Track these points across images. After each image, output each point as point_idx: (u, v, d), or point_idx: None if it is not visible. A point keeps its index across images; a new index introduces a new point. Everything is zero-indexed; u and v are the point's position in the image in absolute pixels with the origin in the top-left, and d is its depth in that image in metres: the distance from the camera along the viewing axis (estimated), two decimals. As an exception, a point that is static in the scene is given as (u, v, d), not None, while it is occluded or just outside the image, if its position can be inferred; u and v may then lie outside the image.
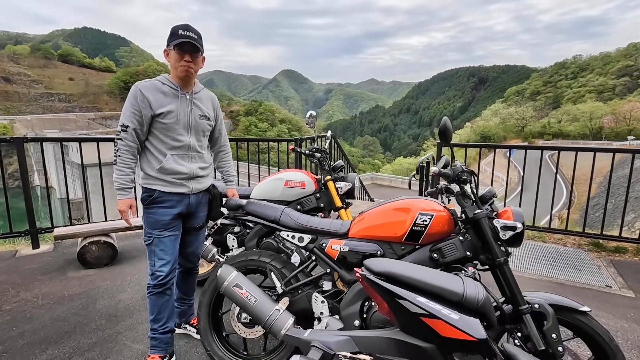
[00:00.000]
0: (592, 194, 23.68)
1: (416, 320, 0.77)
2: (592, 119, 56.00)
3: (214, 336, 1.91)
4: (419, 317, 0.76)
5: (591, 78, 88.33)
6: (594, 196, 22.10)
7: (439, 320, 0.75)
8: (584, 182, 4.07)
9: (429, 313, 0.76)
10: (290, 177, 2.59)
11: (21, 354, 2.04)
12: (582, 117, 57.12)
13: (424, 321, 0.76)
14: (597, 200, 20.79)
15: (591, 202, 22.71)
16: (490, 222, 1.62)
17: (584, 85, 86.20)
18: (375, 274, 0.85)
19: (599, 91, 78.78)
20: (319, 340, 0.84)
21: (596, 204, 21.02)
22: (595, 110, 57.33)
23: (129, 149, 1.79)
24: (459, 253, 1.62)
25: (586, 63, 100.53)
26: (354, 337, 0.87)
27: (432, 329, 0.75)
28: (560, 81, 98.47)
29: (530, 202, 4.05)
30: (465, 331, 0.73)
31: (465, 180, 1.66)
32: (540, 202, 3.98)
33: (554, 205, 4.13)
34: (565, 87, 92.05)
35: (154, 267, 1.90)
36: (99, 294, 2.76)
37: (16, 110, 57.01)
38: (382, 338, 0.85)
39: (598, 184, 25.36)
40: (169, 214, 1.90)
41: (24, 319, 2.40)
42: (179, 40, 1.75)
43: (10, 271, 3.14)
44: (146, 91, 1.80)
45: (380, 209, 1.78)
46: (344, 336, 0.86)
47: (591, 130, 55.36)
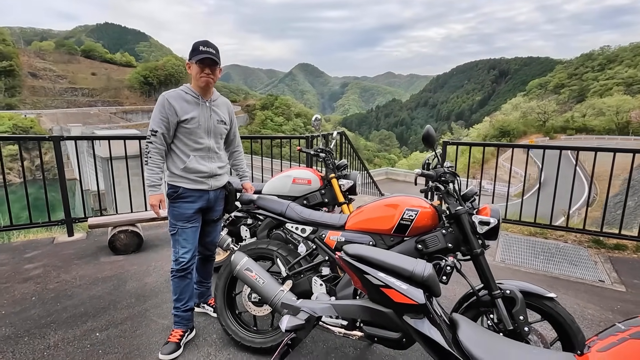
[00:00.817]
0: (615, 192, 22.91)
1: (377, 290, 1.00)
2: (619, 113, 53.56)
3: (228, 314, 2.20)
4: (379, 287, 1.00)
5: (620, 70, 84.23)
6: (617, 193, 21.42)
7: (392, 289, 0.98)
8: (604, 179, 4.01)
9: (386, 284, 0.99)
10: (297, 174, 2.84)
11: (66, 325, 2.39)
12: (608, 111, 54.68)
13: (383, 291, 0.99)
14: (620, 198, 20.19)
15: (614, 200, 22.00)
16: (469, 217, 1.83)
17: (611, 78, 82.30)
18: (349, 256, 1.08)
19: (628, 84, 75.04)
20: (307, 306, 1.09)
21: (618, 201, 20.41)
22: (622, 104, 54.77)
23: (158, 151, 2.08)
24: (440, 244, 1.84)
25: (614, 54, 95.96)
26: (334, 305, 1.11)
27: (389, 297, 0.99)
28: (586, 73, 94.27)
29: (550, 199, 4.09)
30: (411, 297, 0.96)
31: (447, 180, 1.87)
32: (560, 200, 4.02)
33: (573, 203, 4.17)
34: (591, 80, 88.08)
35: (177, 254, 2.19)
36: (128, 276, 3.10)
37: (42, 104, 59.30)
38: (355, 305, 1.09)
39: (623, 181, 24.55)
40: (191, 208, 2.18)
41: (66, 296, 2.77)
42: (201, 56, 2.01)
43: (50, 255, 3.53)
44: (172, 100, 2.07)
45: (373, 205, 2.01)
46: (326, 304, 1.10)
47: (617, 125, 52.98)
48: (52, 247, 3.77)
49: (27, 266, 3.27)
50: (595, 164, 3.90)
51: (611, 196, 22.81)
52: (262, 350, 2.07)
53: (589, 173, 19.57)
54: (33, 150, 29.41)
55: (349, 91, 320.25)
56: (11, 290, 2.83)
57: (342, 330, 1.89)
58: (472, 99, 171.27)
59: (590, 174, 4.51)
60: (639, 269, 3.41)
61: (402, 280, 0.99)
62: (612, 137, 48.28)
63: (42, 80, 65.81)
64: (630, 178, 3.85)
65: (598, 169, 3.87)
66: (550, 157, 4.12)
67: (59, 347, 2.15)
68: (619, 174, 3.92)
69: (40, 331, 2.31)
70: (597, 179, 21.99)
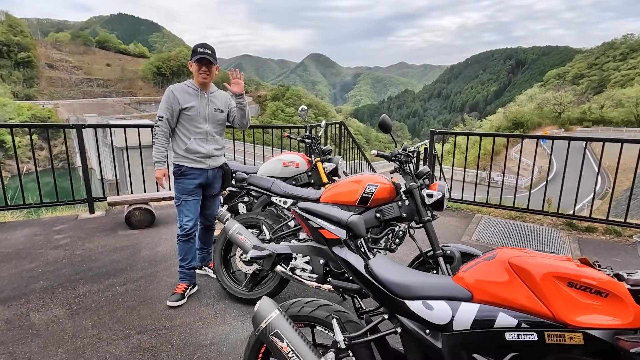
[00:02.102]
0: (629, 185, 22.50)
1: (316, 231, 1.39)
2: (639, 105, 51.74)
3: (224, 272, 2.63)
4: (317, 229, 1.38)
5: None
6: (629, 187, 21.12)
7: (325, 229, 1.37)
8: (621, 172, 3.97)
9: (321, 226, 1.38)
10: (287, 158, 3.23)
11: (92, 280, 2.86)
12: (627, 103, 52.85)
13: (319, 231, 1.38)
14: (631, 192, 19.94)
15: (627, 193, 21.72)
16: (420, 191, 2.20)
17: (634, 68, 79.13)
18: (300, 209, 1.47)
19: (651, 74, 72.16)
20: (270, 246, 1.49)
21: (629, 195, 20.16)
22: (643, 95, 52.84)
23: (163, 134, 2.50)
24: (396, 214, 2.22)
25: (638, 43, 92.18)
26: (290, 246, 1.50)
27: (323, 235, 1.37)
28: (607, 63, 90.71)
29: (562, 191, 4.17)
30: (335, 233, 1.35)
31: (403, 161, 2.23)
32: (572, 192, 4.04)
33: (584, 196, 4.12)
34: (612, 70, 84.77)
35: (182, 221, 2.63)
36: (142, 246, 3.58)
37: (59, 95, 60.78)
38: (304, 245, 1.48)
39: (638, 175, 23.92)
40: (192, 183, 2.60)
41: (91, 260, 3.25)
42: (198, 57, 2.41)
43: (75, 229, 4.04)
44: (176, 92, 2.49)
45: (343, 181, 2.40)
46: (284, 245, 1.50)
47: (637, 117, 51.25)
48: (76, 222, 4.28)
49: (56, 237, 3.78)
50: (611, 156, 3.90)
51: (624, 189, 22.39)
52: (251, 301, 2.50)
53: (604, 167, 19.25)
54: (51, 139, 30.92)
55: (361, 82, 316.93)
56: (45, 254, 3.34)
57: (315, 283, 2.31)
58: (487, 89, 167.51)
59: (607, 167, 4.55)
60: (601, 248, 3.71)
61: (333, 224, 1.37)
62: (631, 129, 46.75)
63: (58, 71, 67.43)
64: (637, 169, 3.84)
65: (612, 162, 3.85)
66: (563, 151, 4.16)
67: (87, 296, 2.63)
68: (634, 167, 3.86)
69: (71, 284, 2.79)
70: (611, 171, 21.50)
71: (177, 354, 2.06)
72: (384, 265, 1.33)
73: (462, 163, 14.13)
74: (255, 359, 1.47)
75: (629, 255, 3.60)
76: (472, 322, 1.17)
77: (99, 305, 2.52)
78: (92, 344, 2.12)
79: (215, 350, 2.09)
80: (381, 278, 1.28)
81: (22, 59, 58.33)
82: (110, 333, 2.23)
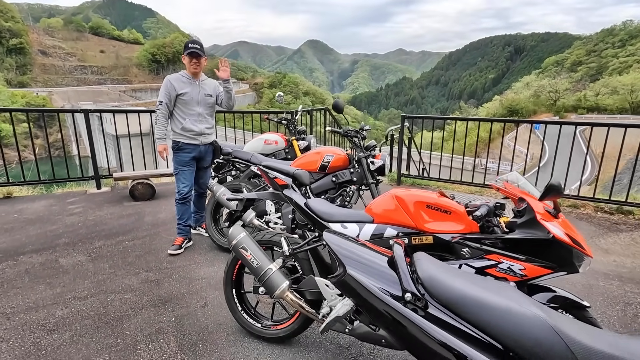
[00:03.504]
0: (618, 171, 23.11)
1: (273, 180, 1.98)
2: (634, 92, 51.93)
3: (213, 228, 3.24)
4: (273, 178, 1.97)
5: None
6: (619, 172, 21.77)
7: (278, 178, 1.97)
8: (612, 159, 4.29)
9: (275, 176, 1.97)
10: (267, 137, 3.81)
11: (105, 238, 3.47)
12: (622, 90, 53.06)
13: (275, 180, 1.97)
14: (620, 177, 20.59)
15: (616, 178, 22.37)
16: (367, 160, 2.79)
17: (632, 55, 78.81)
18: (262, 166, 2.06)
19: (649, 61, 71.96)
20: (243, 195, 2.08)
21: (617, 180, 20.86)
22: (637, 82, 53.02)
23: (163, 115, 3.06)
24: (347, 178, 2.82)
25: (637, 29, 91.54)
26: (257, 193, 2.09)
27: (277, 183, 1.97)
28: (606, 50, 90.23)
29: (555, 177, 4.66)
30: (284, 180, 1.94)
31: (353, 135, 2.82)
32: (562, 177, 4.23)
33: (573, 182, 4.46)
34: (610, 57, 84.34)
35: (179, 187, 3.21)
36: (145, 214, 4.17)
37: (53, 82, 60.01)
38: (267, 192, 2.07)
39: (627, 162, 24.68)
40: (187, 156, 3.18)
41: (102, 223, 3.85)
42: (189, 51, 2.96)
43: (86, 201, 4.62)
44: (173, 80, 3.04)
45: (307, 154, 2.99)
46: (253, 193, 2.10)
47: (631, 104, 51.53)
48: (85, 196, 4.86)
49: (70, 207, 4.37)
50: (603, 143, 4.28)
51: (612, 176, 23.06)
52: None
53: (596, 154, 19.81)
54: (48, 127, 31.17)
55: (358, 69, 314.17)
56: (63, 220, 3.93)
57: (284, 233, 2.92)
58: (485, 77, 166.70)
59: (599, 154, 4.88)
60: None
61: (283, 175, 1.96)
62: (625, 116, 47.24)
63: (52, 58, 66.54)
64: (620, 153, 4.25)
65: (607, 149, 4.23)
66: (556, 137, 4.52)
67: (102, 248, 3.24)
68: (624, 154, 4.28)
69: (88, 240, 3.40)
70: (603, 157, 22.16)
71: (176, 283, 2.68)
72: (318, 202, 1.93)
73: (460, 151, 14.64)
74: (232, 271, 2.08)
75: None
76: (371, 235, 1.78)
77: (112, 254, 3.13)
78: (111, 278, 2.74)
79: (205, 282, 2.71)
80: (314, 209, 1.88)
81: (14, 46, 57.47)
82: (124, 271, 2.84)
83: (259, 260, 1.83)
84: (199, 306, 2.41)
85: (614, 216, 4.41)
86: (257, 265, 1.83)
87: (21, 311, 2.31)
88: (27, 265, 2.91)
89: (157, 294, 2.54)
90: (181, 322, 2.24)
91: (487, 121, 6.11)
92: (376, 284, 0.96)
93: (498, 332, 0.83)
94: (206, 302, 2.46)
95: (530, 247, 1.55)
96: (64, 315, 2.28)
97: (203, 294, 2.55)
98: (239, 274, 2.13)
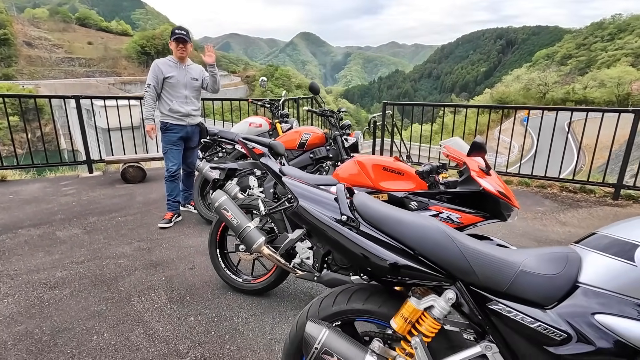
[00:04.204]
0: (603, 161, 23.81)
1: (251, 150, 2.22)
2: (620, 85, 52.88)
3: (201, 203, 3.48)
4: (252, 149, 2.22)
5: (630, 40, 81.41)
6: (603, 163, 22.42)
7: (256, 148, 2.21)
8: (599, 150, 4.60)
9: (254, 146, 2.22)
10: (252, 120, 4.03)
11: (98, 214, 3.68)
12: (609, 83, 53.98)
13: (253, 150, 2.21)
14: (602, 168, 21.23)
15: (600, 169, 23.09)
16: (342, 138, 3.04)
17: (621, 48, 79.84)
18: (242, 138, 2.30)
19: (638, 54, 72.72)
20: (224, 165, 2.32)
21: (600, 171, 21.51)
22: (624, 76, 53.96)
23: (151, 97, 3.26)
24: (323, 154, 3.07)
25: (626, 23, 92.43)
26: (238, 163, 2.33)
27: (255, 152, 2.21)
28: (595, 43, 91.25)
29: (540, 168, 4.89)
30: (260, 149, 2.19)
31: (329, 115, 3.06)
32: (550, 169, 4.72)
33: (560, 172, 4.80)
34: (599, 50, 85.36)
35: (168, 165, 3.43)
36: (137, 194, 4.38)
37: (40, 75, 58.64)
38: (247, 162, 2.33)
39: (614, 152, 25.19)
40: (175, 136, 3.39)
41: (95, 202, 4.05)
42: (176, 36, 3.16)
43: (78, 184, 4.81)
44: (160, 64, 3.24)
45: (287, 133, 3.23)
46: (234, 164, 2.34)
47: (618, 97, 52.52)
48: (78, 179, 5.04)
49: (64, 189, 4.55)
50: (588, 136, 4.57)
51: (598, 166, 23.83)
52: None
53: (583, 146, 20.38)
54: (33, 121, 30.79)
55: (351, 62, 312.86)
56: (57, 199, 4.12)
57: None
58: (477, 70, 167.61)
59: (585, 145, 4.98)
60: (531, 199, 4.57)
61: (261, 145, 2.21)
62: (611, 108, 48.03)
63: (37, 49, 65.02)
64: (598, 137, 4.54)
65: (590, 141, 4.56)
66: (546, 129, 4.81)
67: (96, 223, 3.46)
68: (608, 146, 4.61)
69: (82, 216, 3.61)
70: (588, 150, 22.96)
71: (166, 251, 2.92)
72: (291, 169, 2.18)
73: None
74: (216, 232, 2.33)
75: (528, 199, 4.55)
76: (335, 195, 2.04)
77: (106, 228, 3.36)
78: (105, 247, 2.97)
79: (193, 249, 2.95)
80: (287, 174, 2.13)
81: (-1, 37, 56.12)
82: (117, 241, 3.07)
83: (239, 220, 2.08)
84: (187, 268, 2.65)
85: (577, 195, 4.75)
86: (237, 223, 2.08)
87: (23, 273, 2.53)
88: (25, 237, 3.12)
89: (149, 259, 2.77)
90: (171, 281, 2.48)
91: (468, 107, 6.40)
92: (322, 212, 1.21)
93: (410, 240, 1.09)
94: (194, 265, 2.71)
95: (467, 199, 1.83)
96: (63, 276, 2.50)
97: (191, 258, 2.80)
98: (222, 235, 2.38)
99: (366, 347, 1.11)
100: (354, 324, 1.30)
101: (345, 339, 1.11)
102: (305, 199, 1.28)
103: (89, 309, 2.15)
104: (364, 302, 1.21)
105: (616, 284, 0.97)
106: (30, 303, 2.20)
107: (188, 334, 1.96)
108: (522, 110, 42.57)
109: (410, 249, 1.10)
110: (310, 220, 1.23)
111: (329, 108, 3.09)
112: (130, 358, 1.77)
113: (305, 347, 1.10)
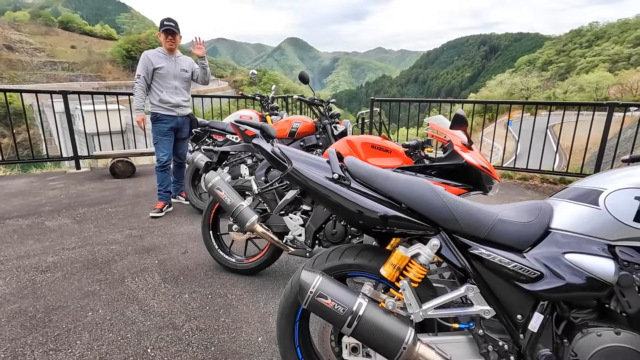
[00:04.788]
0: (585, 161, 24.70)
1: (244, 133, 2.29)
2: (599, 90, 54.86)
3: (192, 192, 3.51)
4: (244, 131, 2.28)
5: (607, 47, 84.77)
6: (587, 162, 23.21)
7: (248, 130, 2.27)
8: (580, 152, 4.93)
9: (246, 128, 2.28)
10: (243, 113, 4.08)
11: (88, 205, 3.66)
12: (588, 88, 56.00)
13: (245, 132, 2.28)
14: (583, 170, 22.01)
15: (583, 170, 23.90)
16: (331, 127, 3.13)
17: (598, 55, 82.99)
18: (235, 122, 2.36)
19: (614, 60, 75.77)
20: (217, 149, 2.37)
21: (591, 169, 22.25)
22: (602, 80, 56.03)
23: (141, 88, 3.28)
24: (313, 142, 3.15)
25: (603, 30, 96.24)
26: (231, 147, 2.39)
27: (247, 135, 2.27)
28: (574, 50, 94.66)
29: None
30: (253, 131, 2.25)
31: (318, 104, 3.15)
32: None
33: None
34: (578, 57, 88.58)
35: (158, 156, 3.45)
36: (127, 188, 4.37)
37: (21, 79, 57.32)
38: (239, 145, 2.38)
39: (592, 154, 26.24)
40: (165, 127, 3.42)
41: (84, 195, 4.02)
42: (164, 28, 3.21)
43: (66, 179, 4.75)
44: (150, 55, 3.28)
45: (279, 122, 3.30)
46: (227, 147, 2.39)
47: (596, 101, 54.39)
48: (65, 175, 4.98)
49: (52, 183, 4.50)
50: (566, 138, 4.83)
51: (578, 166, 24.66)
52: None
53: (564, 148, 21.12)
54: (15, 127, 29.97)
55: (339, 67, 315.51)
56: (45, 193, 4.08)
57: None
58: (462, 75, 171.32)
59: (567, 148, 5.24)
60: (514, 190, 4.74)
61: (252, 127, 2.27)
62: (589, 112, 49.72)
63: (18, 53, 63.56)
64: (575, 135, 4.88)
65: (568, 142, 4.80)
66: (525, 133, 5.11)
67: (86, 214, 3.44)
68: (589, 147, 4.80)
69: (72, 208, 3.58)
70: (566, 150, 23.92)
71: (158, 237, 2.94)
72: (284, 147, 2.25)
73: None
74: (210, 214, 2.38)
75: (512, 190, 4.72)
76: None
77: (97, 218, 3.35)
78: (96, 235, 2.97)
79: (185, 236, 2.98)
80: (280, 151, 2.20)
81: (-22, 40, 54.50)
82: (108, 230, 3.07)
83: (232, 199, 2.13)
84: (179, 253, 2.68)
85: (557, 185, 4.96)
86: (230, 202, 2.13)
87: (14, 259, 2.52)
88: (14, 226, 3.09)
89: (141, 245, 2.79)
90: (164, 264, 2.51)
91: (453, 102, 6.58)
92: (315, 172, 1.29)
93: (399, 194, 1.18)
94: (186, 249, 2.74)
95: (452, 173, 1.93)
96: (55, 260, 2.50)
97: (184, 244, 2.83)
98: (215, 217, 2.42)
99: (358, 291, 1.18)
100: (346, 281, 1.38)
101: (338, 284, 1.18)
102: (298, 161, 1.36)
103: (82, 289, 2.16)
104: (355, 257, 1.29)
105: (583, 227, 1.08)
106: (22, 285, 2.19)
107: (183, 309, 2.00)
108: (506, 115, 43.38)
109: (397, 203, 1.19)
110: (304, 180, 1.31)
111: (327, 102, 3.18)
112: (127, 331, 1.80)
113: (300, 294, 1.17)
